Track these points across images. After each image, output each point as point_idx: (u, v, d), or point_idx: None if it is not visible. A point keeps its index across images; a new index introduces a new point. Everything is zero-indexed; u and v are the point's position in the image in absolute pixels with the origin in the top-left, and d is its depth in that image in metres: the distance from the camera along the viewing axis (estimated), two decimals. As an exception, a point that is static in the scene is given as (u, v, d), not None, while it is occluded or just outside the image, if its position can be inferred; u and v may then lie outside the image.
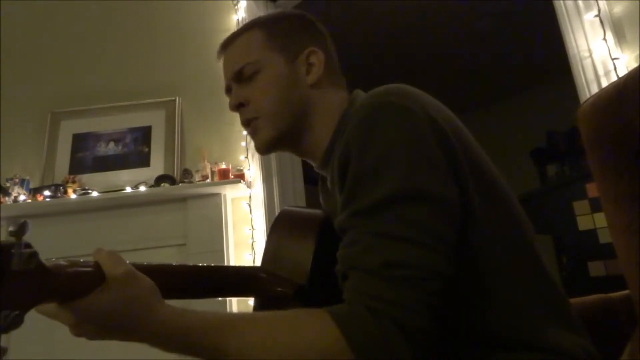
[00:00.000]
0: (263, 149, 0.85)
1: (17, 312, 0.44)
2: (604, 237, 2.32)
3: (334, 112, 0.82)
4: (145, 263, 0.62)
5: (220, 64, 0.88)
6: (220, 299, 1.76)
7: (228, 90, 0.87)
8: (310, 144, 0.83)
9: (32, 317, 0.48)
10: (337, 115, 0.81)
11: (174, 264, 0.69)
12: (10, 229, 0.45)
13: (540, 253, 0.71)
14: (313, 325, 0.55)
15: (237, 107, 0.84)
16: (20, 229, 0.45)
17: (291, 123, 0.82)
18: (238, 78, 0.83)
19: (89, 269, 0.53)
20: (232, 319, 0.58)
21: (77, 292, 0.51)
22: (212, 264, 0.75)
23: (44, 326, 0.54)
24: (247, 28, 0.85)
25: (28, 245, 0.46)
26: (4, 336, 0.44)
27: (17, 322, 0.44)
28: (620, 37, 1.57)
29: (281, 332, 0.55)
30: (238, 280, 0.77)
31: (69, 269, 0.51)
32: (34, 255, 0.46)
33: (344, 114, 0.79)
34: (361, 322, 0.54)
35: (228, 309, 1.97)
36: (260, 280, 0.75)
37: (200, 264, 0.72)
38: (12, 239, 0.45)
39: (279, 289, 0.73)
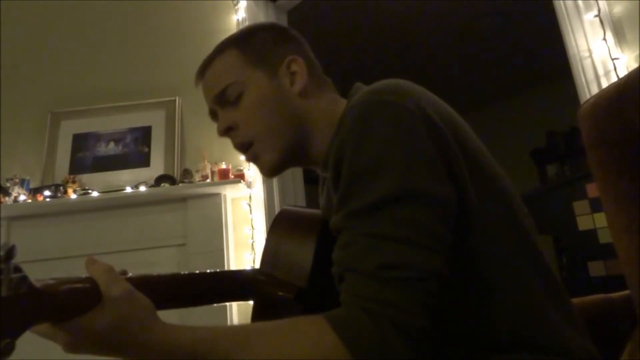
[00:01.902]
0: (270, 173, 0.82)
1: (8, 340, 0.42)
2: (604, 237, 2.32)
3: (329, 115, 0.80)
4: (140, 275, 0.61)
5: (199, 89, 0.85)
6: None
7: (213, 115, 0.84)
8: (315, 153, 0.81)
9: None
10: (333, 116, 0.79)
11: (172, 272, 0.69)
12: None
13: (542, 250, 0.70)
14: (311, 333, 0.55)
15: (226, 131, 0.81)
16: (8, 254, 0.43)
17: (290, 139, 0.79)
18: (221, 101, 0.80)
19: (82, 286, 0.52)
20: (229, 334, 0.58)
21: (71, 311, 0.50)
22: (210, 270, 0.74)
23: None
24: (221, 49, 0.82)
25: (17, 269, 0.44)
26: None
27: (8, 350, 0.42)
28: (620, 37, 1.57)
29: (280, 344, 0.55)
30: (237, 285, 0.76)
31: (61, 288, 0.49)
32: (24, 279, 0.44)
33: (343, 111, 0.78)
34: (359, 325, 0.53)
35: (228, 312, 1.97)
36: (259, 284, 0.74)
37: (197, 271, 0.72)
38: (0, 265, 0.43)
39: (280, 292, 0.72)
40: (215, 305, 0.78)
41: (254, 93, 0.79)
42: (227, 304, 1.94)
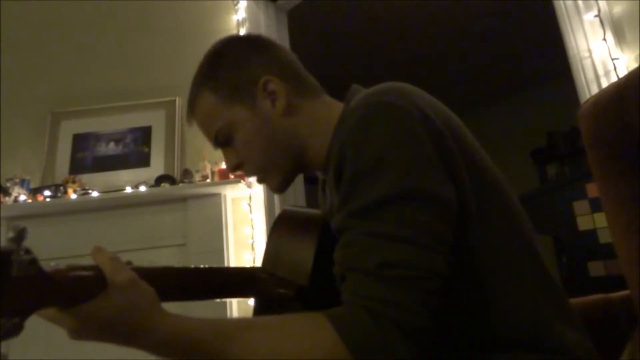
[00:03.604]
0: (279, 192, 0.86)
1: (16, 320, 0.43)
2: (604, 237, 2.33)
3: (321, 121, 0.80)
4: (145, 266, 0.62)
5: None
6: (220, 300, 1.76)
7: (216, 149, 0.87)
8: (316, 159, 0.82)
9: (32, 317, 0.48)
10: (328, 120, 0.79)
11: (175, 265, 0.69)
12: (10, 235, 0.44)
13: (539, 251, 0.71)
14: (311, 330, 0.55)
15: (235, 169, 0.84)
16: (20, 235, 0.45)
17: (289, 159, 0.82)
18: (218, 144, 0.83)
19: (89, 273, 0.53)
20: (231, 326, 0.58)
21: (78, 297, 0.51)
22: (213, 265, 0.75)
23: (44, 326, 0.54)
24: (195, 93, 0.82)
25: (28, 251, 0.46)
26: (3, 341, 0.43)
27: (16, 330, 0.43)
28: (620, 37, 1.57)
29: (281, 339, 0.55)
30: (239, 281, 0.76)
31: (69, 274, 0.51)
32: (34, 261, 0.46)
33: (342, 113, 0.78)
34: (359, 324, 0.53)
35: (228, 310, 1.98)
36: (261, 281, 0.75)
37: (200, 266, 0.72)
38: (12, 245, 0.44)
39: (281, 290, 0.72)
40: (215, 300, 0.78)
41: (241, 131, 0.80)
42: (228, 300, 1.94)
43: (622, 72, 1.51)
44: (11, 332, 0.43)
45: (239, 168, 0.84)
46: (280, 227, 0.82)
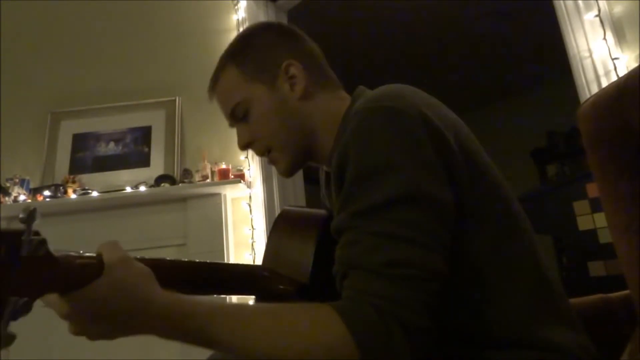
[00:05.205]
0: (287, 175, 0.88)
1: (26, 299, 0.44)
2: (604, 237, 2.32)
3: (333, 113, 0.82)
4: (147, 257, 0.62)
5: (214, 102, 0.89)
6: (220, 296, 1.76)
7: (231, 125, 0.89)
8: (321, 150, 0.84)
9: (31, 317, 0.47)
10: (338, 114, 0.81)
11: (176, 259, 0.69)
12: (21, 216, 0.45)
13: (538, 252, 0.71)
14: (319, 319, 0.55)
15: (246, 146, 0.86)
16: (30, 216, 0.45)
17: (300, 142, 0.84)
18: (234, 119, 0.85)
19: (93, 260, 0.53)
20: (237, 308, 0.58)
21: (81, 282, 0.51)
22: (214, 261, 0.75)
23: (43, 325, 0.54)
24: (221, 67, 0.86)
25: (37, 233, 0.46)
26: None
27: (26, 309, 0.44)
28: (620, 37, 1.57)
29: (287, 325, 0.56)
30: (240, 277, 0.77)
31: (76, 260, 0.51)
32: (43, 242, 0.46)
33: (345, 114, 0.80)
34: (367, 319, 0.54)
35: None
36: (262, 279, 0.75)
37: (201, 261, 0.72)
38: (22, 226, 0.45)
39: (282, 287, 0.73)
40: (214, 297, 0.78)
41: (258, 108, 0.83)
42: (228, 297, 1.94)
43: (622, 72, 1.51)
44: (20, 312, 0.43)
45: (250, 146, 0.86)
46: (281, 225, 0.82)
